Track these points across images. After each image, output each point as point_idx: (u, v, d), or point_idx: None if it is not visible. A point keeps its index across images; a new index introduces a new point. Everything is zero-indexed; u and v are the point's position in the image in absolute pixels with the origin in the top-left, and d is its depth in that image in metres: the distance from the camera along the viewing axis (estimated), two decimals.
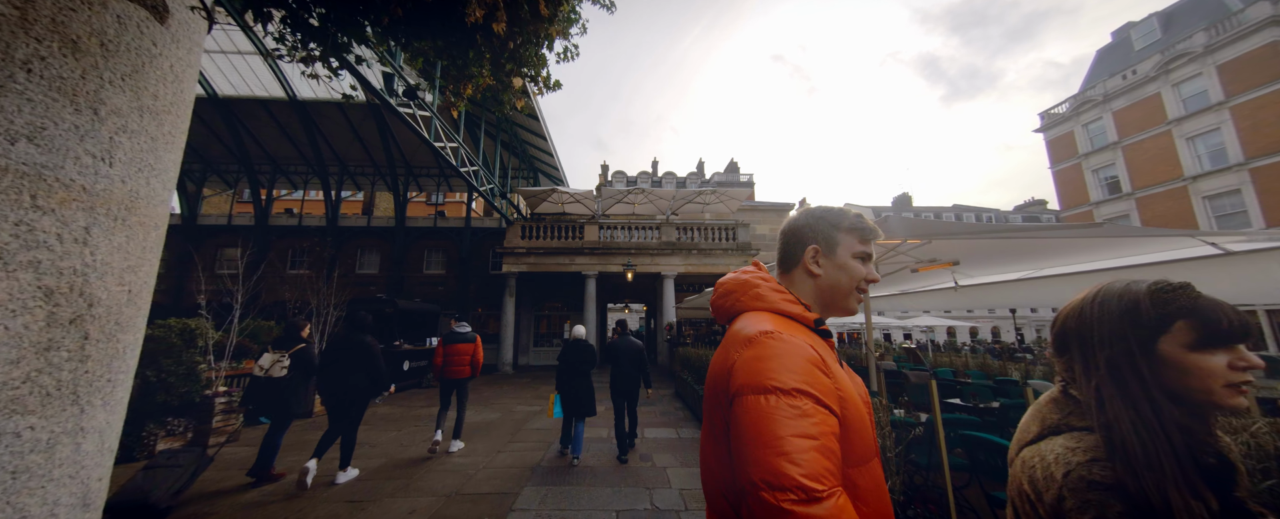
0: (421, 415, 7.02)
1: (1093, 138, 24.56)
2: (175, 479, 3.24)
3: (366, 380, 4.06)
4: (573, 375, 4.71)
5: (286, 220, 18.10)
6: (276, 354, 4.15)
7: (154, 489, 3.10)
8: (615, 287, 17.31)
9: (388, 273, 17.64)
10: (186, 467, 3.34)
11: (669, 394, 9.26)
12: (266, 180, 18.40)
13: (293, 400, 4.09)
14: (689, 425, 6.35)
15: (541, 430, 6.15)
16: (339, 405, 3.92)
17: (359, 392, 3.99)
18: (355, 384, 3.99)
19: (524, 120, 14.32)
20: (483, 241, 17.94)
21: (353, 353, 4.07)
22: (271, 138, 17.14)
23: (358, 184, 19.50)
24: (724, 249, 14.25)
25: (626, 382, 4.83)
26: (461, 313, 17.18)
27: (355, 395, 3.96)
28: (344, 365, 4.03)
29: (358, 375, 4.02)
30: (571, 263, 14.16)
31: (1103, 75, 24.92)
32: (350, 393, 3.95)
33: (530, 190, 14.32)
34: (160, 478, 3.19)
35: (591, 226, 14.51)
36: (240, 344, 5.59)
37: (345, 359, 4.05)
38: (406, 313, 10.10)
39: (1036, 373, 7.18)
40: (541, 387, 10.45)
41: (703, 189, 14.47)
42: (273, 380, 4.00)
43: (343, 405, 3.91)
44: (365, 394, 4.04)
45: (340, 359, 4.05)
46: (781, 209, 17.67)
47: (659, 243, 14.36)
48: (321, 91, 15.28)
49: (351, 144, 17.45)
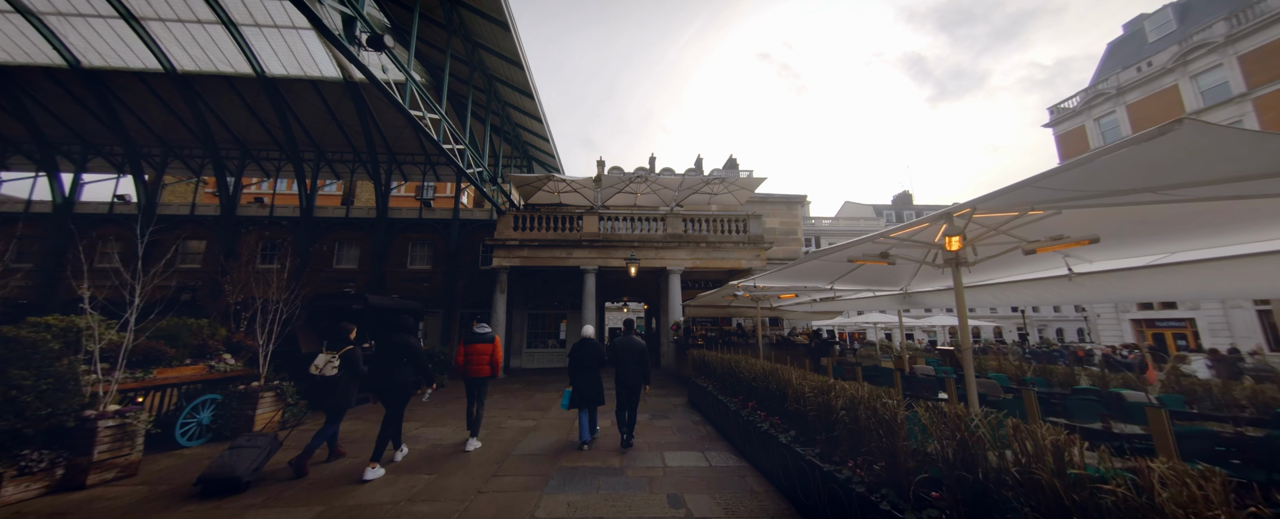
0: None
1: (1105, 132, 23.89)
2: (254, 459, 3.79)
3: (413, 374, 4.61)
4: (582, 370, 5.16)
5: (257, 211, 16.64)
6: (329, 354, 4.60)
7: (237, 465, 3.65)
8: (614, 284, 16.14)
9: (368, 268, 16.28)
10: (263, 448, 3.92)
11: (681, 404, 8.12)
12: (235, 167, 16.92)
13: (343, 396, 4.57)
14: (717, 447, 5.22)
15: (534, 458, 4.97)
16: (387, 396, 4.48)
17: (403, 385, 4.51)
18: (401, 378, 4.50)
19: (516, 99, 13.08)
20: (473, 235, 16.66)
21: (398, 351, 4.56)
22: (239, 119, 15.68)
23: (336, 172, 18.08)
24: (735, 242, 13.16)
25: (630, 377, 5.21)
26: (449, 310, 15.92)
27: (400, 388, 4.49)
28: (390, 361, 4.52)
29: (404, 370, 4.54)
30: (569, 256, 12.97)
31: (1115, 68, 24.27)
32: (396, 386, 4.48)
33: (524, 177, 13.09)
34: (243, 457, 3.76)
35: (591, 217, 13.33)
36: (150, 348, 4.38)
37: (391, 356, 4.54)
38: (380, 311, 8.84)
39: (1114, 380, 6.16)
40: (536, 394, 9.26)
41: (711, 179, 13.38)
42: (326, 379, 4.52)
43: (391, 396, 4.48)
44: (410, 387, 4.60)
45: (387, 356, 4.54)
46: (792, 201, 16.64)
47: (664, 235, 13.23)
48: (293, 66, 13.90)
49: (328, 127, 16.05)
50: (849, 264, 5.45)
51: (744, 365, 5.14)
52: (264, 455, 3.92)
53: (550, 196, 14.70)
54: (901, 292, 6.14)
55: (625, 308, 26.05)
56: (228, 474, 3.63)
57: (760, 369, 4.61)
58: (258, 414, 5.48)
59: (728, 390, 5.88)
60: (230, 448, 3.88)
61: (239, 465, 3.69)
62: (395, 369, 4.50)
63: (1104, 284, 3.78)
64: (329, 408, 4.53)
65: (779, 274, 5.98)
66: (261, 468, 3.91)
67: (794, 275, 6.00)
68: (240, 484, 3.65)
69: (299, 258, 15.99)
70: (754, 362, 4.94)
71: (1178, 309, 20.93)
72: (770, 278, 6.11)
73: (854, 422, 2.79)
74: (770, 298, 9.07)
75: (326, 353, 4.59)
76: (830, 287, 6.21)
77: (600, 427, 5.69)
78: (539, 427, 6.40)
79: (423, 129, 7.76)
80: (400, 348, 4.57)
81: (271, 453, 4.03)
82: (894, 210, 41.35)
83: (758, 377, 4.65)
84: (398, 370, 4.50)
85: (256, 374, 5.80)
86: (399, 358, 4.55)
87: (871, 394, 2.74)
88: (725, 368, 6.02)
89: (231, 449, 3.86)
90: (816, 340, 10.75)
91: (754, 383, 4.78)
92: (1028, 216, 3.36)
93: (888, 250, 4.11)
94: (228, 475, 3.63)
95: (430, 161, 17.74)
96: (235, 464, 3.69)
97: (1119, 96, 23.18)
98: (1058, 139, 26.45)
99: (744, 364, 5.16)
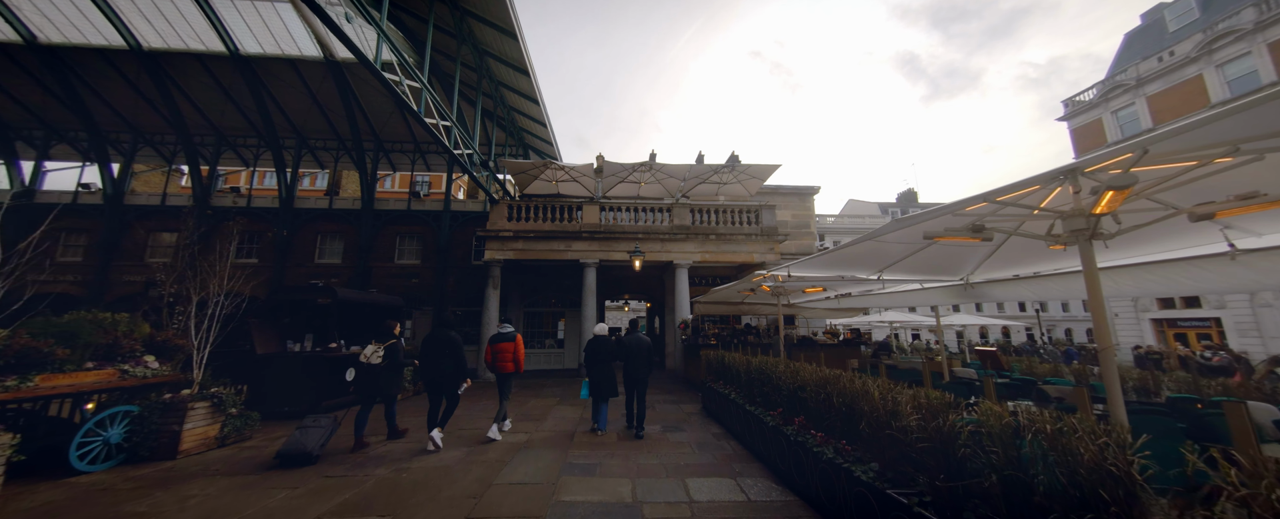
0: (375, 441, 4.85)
1: (1123, 125, 23.09)
2: (320, 436, 4.47)
3: (452, 365, 5.06)
4: (597, 364, 5.63)
5: (233, 201, 15.57)
6: (376, 346, 5.14)
7: (308, 442, 4.36)
8: (615, 280, 15.15)
9: (353, 262, 15.24)
10: (326, 428, 4.59)
11: (695, 413, 7.15)
12: (210, 154, 15.84)
13: (388, 382, 5.15)
14: (751, 471, 4.25)
15: (526, 486, 3.98)
16: (433, 385, 5.03)
17: (448, 375, 5.02)
18: (445, 369, 5.02)
19: (510, 77, 12.08)
20: (465, 227, 15.64)
21: (442, 346, 5.09)
22: (213, 103, 14.61)
23: (320, 161, 17.02)
24: (747, 234, 12.20)
25: (637, 372, 5.61)
26: (439, 308, 14.90)
27: (446, 378, 5.02)
28: (436, 355, 5.05)
29: (447, 362, 5.05)
30: (567, 249, 11.97)
31: (1134, 58, 23.48)
32: (442, 376, 5.01)
33: (519, 163, 12.09)
34: (311, 435, 4.44)
35: (591, 207, 12.34)
36: (27, 349, 3.38)
37: (437, 350, 5.07)
38: (353, 306, 7.83)
39: (1212, 388, 5.20)
40: (532, 401, 8.26)
41: (720, 167, 12.41)
42: (373, 367, 5.06)
43: (437, 385, 5.01)
44: (453, 376, 5.05)
45: (433, 350, 5.07)
46: (804, 193, 15.70)
47: (670, 226, 12.25)
48: (269, 44, 12.86)
49: (309, 112, 15.01)
50: (903, 249, 4.51)
51: (784, 371, 4.17)
52: (328, 434, 4.55)
53: (547, 186, 13.71)
54: (962, 282, 5.19)
55: (626, 306, 25.03)
56: (301, 449, 4.25)
57: (811, 376, 3.63)
58: (186, 430, 4.47)
59: (759, 400, 4.91)
60: (299, 428, 4.50)
61: (309, 442, 4.32)
62: (441, 361, 5.04)
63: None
64: (380, 392, 5.20)
65: (816, 261, 5.01)
66: (326, 444, 4.53)
67: (835, 263, 5.04)
68: (311, 457, 4.29)
69: (281, 251, 14.95)
70: (802, 367, 3.98)
71: (1202, 307, 20.10)
72: (806, 266, 5.14)
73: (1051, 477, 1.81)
74: (794, 292, 8.11)
75: (374, 344, 5.21)
76: (876, 276, 5.25)
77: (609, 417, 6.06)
78: (531, 442, 5.40)
79: (401, 97, 6.75)
80: (445, 343, 5.11)
81: (333, 432, 4.64)
82: (899, 208, 40.55)
83: (806, 386, 3.68)
84: (443, 362, 5.04)
85: (189, 380, 4.79)
86: (443, 352, 5.08)
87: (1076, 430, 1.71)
88: (755, 374, 5.04)
89: (300, 429, 4.48)
90: (840, 340, 9.81)
91: (801, 393, 3.81)
92: (1210, 167, 2.40)
93: (982, 222, 3.15)
94: (301, 450, 4.25)
95: (420, 150, 16.71)
96: (306, 441, 4.31)
97: (1138, 88, 22.37)
98: (1073, 133, 25.66)
99: (784, 369, 4.19)
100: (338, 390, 6.95)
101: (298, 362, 6.59)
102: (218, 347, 5.48)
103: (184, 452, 4.43)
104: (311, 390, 6.50)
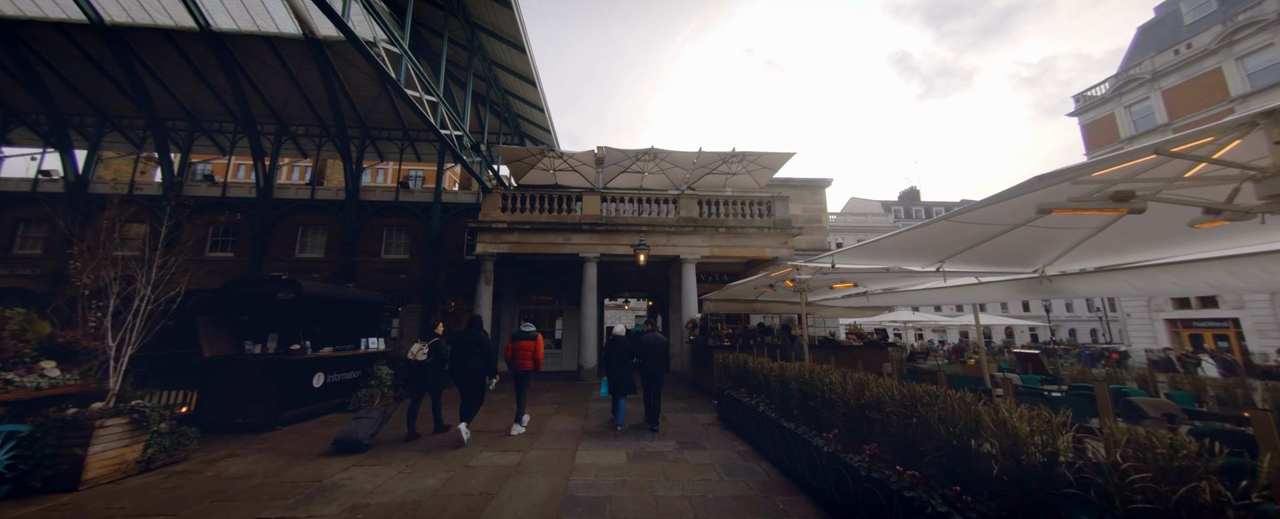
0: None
1: (1137, 121, 22.51)
2: (371, 426, 4.88)
3: (482, 363, 5.39)
4: (616, 363, 6.01)
5: (207, 191, 14.57)
6: (422, 344, 5.68)
7: (360, 431, 4.78)
8: (614, 277, 14.30)
9: (336, 256, 14.29)
10: (376, 419, 4.99)
11: (711, 424, 6.33)
12: (182, 140, 14.82)
13: (433, 377, 5.61)
14: (797, 508, 3.43)
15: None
16: (464, 382, 5.36)
17: (477, 372, 5.35)
18: (474, 367, 5.35)
19: (505, 55, 11.18)
20: (457, 220, 14.73)
21: (471, 344, 5.41)
22: (185, 84, 13.60)
23: (302, 148, 16.04)
24: (759, 227, 11.38)
25: (654, 369, 6.01)
26: (428, 305, 14.00)
27: (474, 375, 5.34)
28: (466, 354, 5.38)
29: (477, 359, 5.37)
30: (566, 242, 11.11)
31: (1148, 51, 22.89)
32: (471, 373, 5.34)
33: (515, 150, 11.21)
34: (363, 425, 4.85)
35: (591, 198, 11.48)
36: None
37: (468, 349, 5.39)
38: (323, 303, 6.94)
39: None
40: (526, 410, 7.37)
41: (730, 155, 11.57)
42: (419, 363, 5.59)
43: (467, 382, 5.34)
44: (482, 373, 5.39)
45: (464, 349, 5.40)
46: (815, 185, 14.90)
47: (676, 219, 11.42)
48: (244, 20, 11.87)
49: (290, 95, 14.03)
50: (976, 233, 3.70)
51: (846, 385, 3.33)
52: (378, 425, 4.94)
53: (545, 177, 12.82)
54: (1035, 274, 4.39)
55: (626, 304, 24.18)
56: (354, 438, 4.66)
57: (891, 393, 2.80)
58: (93, 453, 3.58)
59: (801, 416, 4.08)
60: (354, 418, 4.91)
61: (361, 431, 4.72)
62: (469, 359, 5.30)
63: None
64: (425, 387, 5.58)
65: (865, 250, 4.19)
66: (377, 433, 4.95)
67: (888, 251, 4.22)
68: (363, 445, 4.71)
69: (258, 245, 13.98)
70: (869, 379, 3.13)
71: (1219, 308, 19.53)
72: (853, 255, 4.32)
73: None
74: (820, 288, 7.30)
75: (420, 343, 5.62)
76: (935, 268, 4.44)
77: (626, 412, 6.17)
78: (524, 464, 4.54)
79: (376, 62, 5.86)
80: (474, 342, 5.38)
81: (383, 423, 5.05)
82: (902, 206, 39.96)
83: (882, 405, 2.84)
84: (472, 360, 5.30)
85: (104, 390, 3.89)
86: (472, 350, 5.35)
87: None
88: (795, 384, 4.21)
89: (355, 419, 4.90)
90: (865, 341, 9.02)
91: (870, 413, 2.98)
92: None
93: (1130, 189, 2.34)
94: (355, 438, 4.66)
95: (409, 137, 15.77)
96: (358, 430, 4.73)
97: (1153, 82, 21.78)
98: (1084, 128, 25.10)
99: (845, 382, 3.35)
100: (303, 398, 6.06)
101: (254, 366, 5.70)
102: (154, 349, 4.59)
103: (89, 480, 3.54)
104: (271, 399, 5.61)
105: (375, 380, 7.29)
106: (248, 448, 4.87)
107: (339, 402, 6.86)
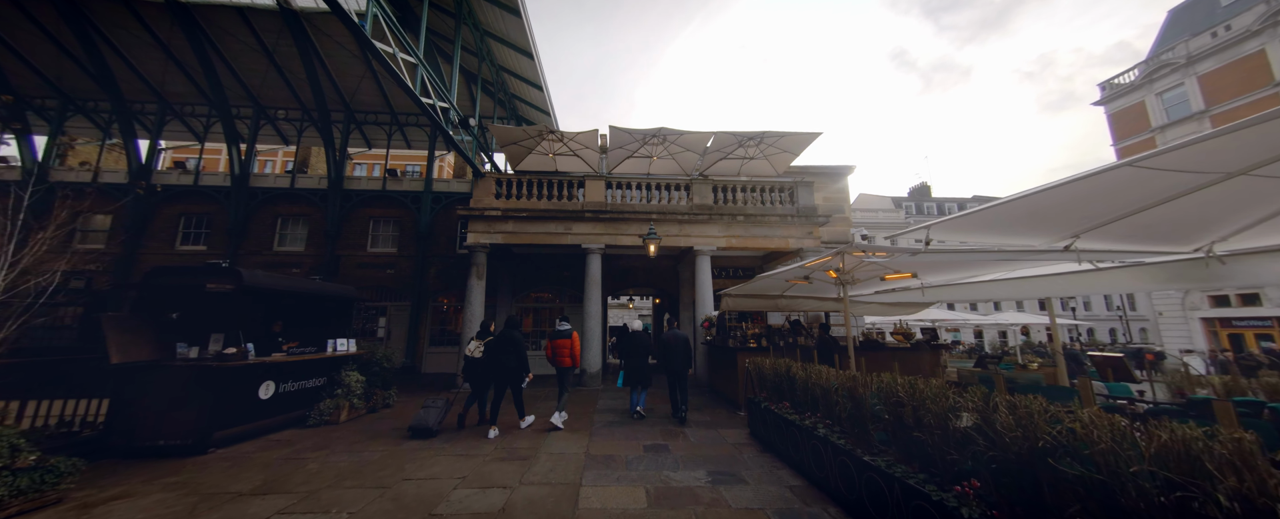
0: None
1: (1169, 108, 21.33)
2: (438, 415, 5.49)
3: (516, 362, 5.59)
4: (632, 356, 6.40)
5: (179, 179, 13.46)
6: (479, 343, 5.99)
7: (429, 419, 5.39)
8: (618, 273, 13.19)
9: (318, 250, 13.19)
10: (442, 408, 5.56)
11: (743, 443, 5.23)
12: (152, 124, 13.72)
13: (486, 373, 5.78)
14: None
15: None
16: (499, 381, 5.63)
17: (511, 371, 5.57)
18: (507, 365, 5.55)
19: (498, 22, 10.05)
20: (450, 210, 13.61)
21: (507, 344, 5.61)
22: (153, 63, 12.50)
23: (283, 134, 14.93)
24: (781, 215, 10.26)
25: (676, 365, 6.34)
26: (418, 302, 12.90)
27: (508, 374, 5.57)
28: (501, 353, 5.60)
29: (510, 359, 5.57)
30: (567, 232, 10.00)
31: (1181, 35, 21.70)
32: (505, 372, 5.56)
33: (511, 130, 10.07)
34: (431, 414, 5.46)
35: (595, 183, 10.37)
36: None
37: (502, 348, 5.61)
38: (272, 297, 5.82)
39: None
40: (517, 433, 6.26)
41: (750, 136, 10.42)
42: (476, 360, 5.88)
43: (502, 380, 5.61)
44: (516, 372, 5.60)
45: (499, 348, 5.63)
46: (837, 173, 13.75)
47: (689, 206, 10.30)
48: None
49: (268, 75, 12.92)
50: (1136, 197, 2.58)
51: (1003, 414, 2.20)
52: (443, 413, 5.57)
53: (544, 162, 11.69)
54: (1199, 253, 3.27)
55: (631, 303, 23.03)
56: (424, 424, 5.36)
57: (1100, 431, 1.67)
58: None
59: (893, 450, 2.95)
60: (423, 407, 5.60)
61: (430, 419, 5.41)
62: (505, 357, 5.58)
63: None
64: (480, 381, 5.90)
65: (974, 219, 3.07)
66: (443, 420, 5.58)
67: (1013, 222, 3.10)
68: (432, 431, 5.35)
69: (233, 237, 12.88)
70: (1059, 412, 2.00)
71: (1262, 304, 18.35)
72: (953, 227, 3.20)
73: None
74: (867, 280, 6.18)
75: (476, 341, 6.04)
76: (1063, 245, 3.31)
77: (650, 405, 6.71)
78: (509, 507, 3.44)
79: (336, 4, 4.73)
80: (510, 342, 5.62)
81: (447, 411, 5.67)
82: (913, 202, 38.82)
83: (1069, 450, 1.72)
84: (506, 358, 5.57)
85: None
86: (507, 350, 5.59)
87: None
88: (880, 404, 3.08)
89: (424, 408, 5.57)
90: (914, 343, 7.85)
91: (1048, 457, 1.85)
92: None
93: None
94: (425, 425, 5.35)
95: (398, 122, 14.65)
96: (427, 418, 5.41)
97: (1188, 66, 20.59)
98: (1110, 118, 23.92)
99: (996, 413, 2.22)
100: (245, 413, 4.95)
101: (181, 375, 4.59)
102: (40, 352, 3.50)
103: None
104: (199, 415, 4.50)
105: (342, 389, 6.17)
106: (153, 482, 3.76)
107: (297, 414, 5.74)
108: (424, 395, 8.47)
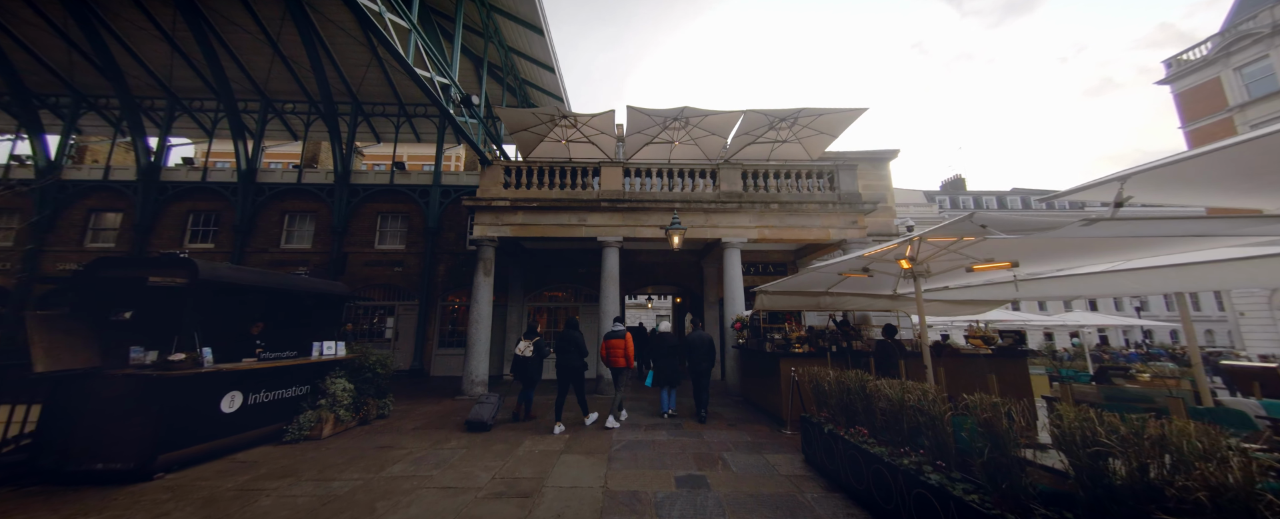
0: None
1: (1250, 85, 19.11)
2: (492, 410, 5.86)
3: (579, 361, 5.99)
4: (662, 356, 6.58)
5: (186, 175, 13.17)
6: (527, 343, 6.14)
7: (484, 414, 5.76)
8: (635, 268, 12.24)
9: (325, 247, 12.68)
10: (495, 404, 5.95)
11: (796, 473, 4.25)
12: (161, 119, 13.48)
13: (535, 372, 6.16)
14: None
15: None
16: (564, 377, 5.97)
17: (576, 369, 5.97)
18: (571, 363, 5.95)
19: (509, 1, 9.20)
20: (459, 204, 12.92)
21: (571, 344, 5.99)
22: (158, 56, 12.19)
23: (290, 128, 14.54)
24: (820, 202, 9.12)
25: (700, 365, 6.46)
26: (427, 300, 12.24)
27: (574, 371, 5.95)
28: (566, 352, 5.97)
29: (574, 357, 5.96)
30: (581, 224, 9.10)
31: (1262, 3, 19.41)
32: (571, 369, 5.94)
33: (519, 113, 9.22)
34: (485, 409, 5.84)
35: (611, 169, 9.45)
36: None
37: (566, 348, 5.99)
38: (236, 292, 5.07)
39: None
40: (525, 442, 5.36)
41: (783, 115, 9.32)
42: (525, 358, 6.08)
43: (566, 377, 5.95)
44: (581, 370, 6.03)
45: (564, 348, 6.00)
46: (878, 159, 12.46)
47: (716, 194, 9.27)
48: None
49: (273, 66, 12.48)
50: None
51: None
52: (495, 409, 5.91)
53: (557, 149, 10.83)
54: None
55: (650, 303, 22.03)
56: (480, 419, 5.72)
57: None
58: None
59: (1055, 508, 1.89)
60: (476, 403, 5.95)
61: (484, 414, 5.77)
62: (569, 356, 5.92)
63: None
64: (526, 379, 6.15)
65: (1188, 169, 1.97)
66: (496, 415, 5.92)
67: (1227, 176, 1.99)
68: (487, 425, 5.71)
69: (240, 233, 12.49)
70: None
71: None
72: (1172, 175, 2.11)
73: None
74: (943, 272, 5.06)
75: (525, 341, 6.15)
76: None
77: None
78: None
79: None
80: (573, 342, 5.97)
81: (500, 407, 6.06)
82: (947, 196, 36.67)
83: None
84: (571, 358, 5.91)
85: None
86: (572, 349, 5.93)
87: None
88: (1077, 455, 2.02)
89: (477, 404, 5.92)
90: (996, 348, 6.60)
91: None
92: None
93: None
94: (480, 419, 5.71)
95: (406, 113, 14.06)
96: (482, 413, 5.77)
97: (1274, 36, 18.36)
98: (1178, 98, 21.69)
99: None
100: (203, 430, 4.19)
101: (124, 385, 3.85)
102: None
103: None
104: (142, 434, 3.75)
105: (326, 399, 5.40)
106: None
107: (273, 429, 4.98)
108: (431, 402, 7.73)
